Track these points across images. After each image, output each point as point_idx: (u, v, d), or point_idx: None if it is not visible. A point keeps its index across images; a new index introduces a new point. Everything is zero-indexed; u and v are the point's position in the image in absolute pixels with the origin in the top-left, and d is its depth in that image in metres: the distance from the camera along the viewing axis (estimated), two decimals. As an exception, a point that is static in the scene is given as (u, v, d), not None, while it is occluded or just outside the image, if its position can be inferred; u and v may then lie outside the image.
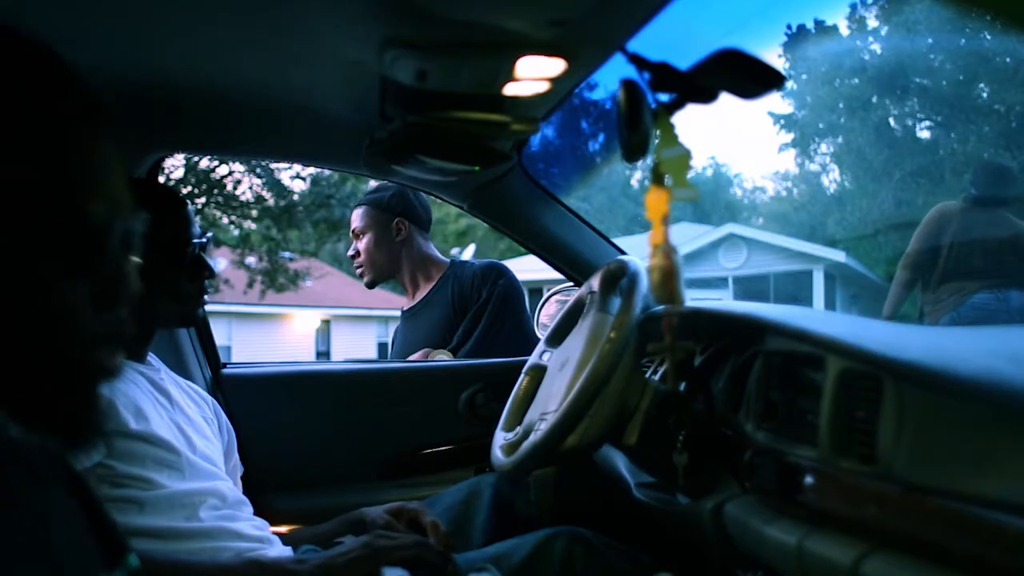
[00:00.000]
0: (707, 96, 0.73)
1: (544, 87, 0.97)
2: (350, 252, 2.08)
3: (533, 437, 1.04)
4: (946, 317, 3.09)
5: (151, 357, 1.17)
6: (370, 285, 2.08)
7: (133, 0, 0.81)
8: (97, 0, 0.81)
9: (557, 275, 1.71)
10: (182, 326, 1.46)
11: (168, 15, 0.84)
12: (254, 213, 11.45)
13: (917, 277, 3.22)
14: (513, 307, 1.93)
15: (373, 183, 2.13)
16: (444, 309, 1.96)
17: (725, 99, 0.73)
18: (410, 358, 1.91)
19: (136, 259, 0.49)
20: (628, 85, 0.72)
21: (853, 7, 16.49)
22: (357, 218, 2.04)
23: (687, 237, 14.90)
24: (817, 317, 0.90)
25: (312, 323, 17.04)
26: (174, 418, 1.10)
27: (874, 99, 15.44)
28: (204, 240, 1.15)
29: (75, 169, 0.46)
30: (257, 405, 1.62)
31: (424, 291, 2.02)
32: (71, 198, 0.45)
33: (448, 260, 2.06)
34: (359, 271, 2.06)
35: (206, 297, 1.20)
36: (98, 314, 0.47)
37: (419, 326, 1.99)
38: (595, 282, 1.19)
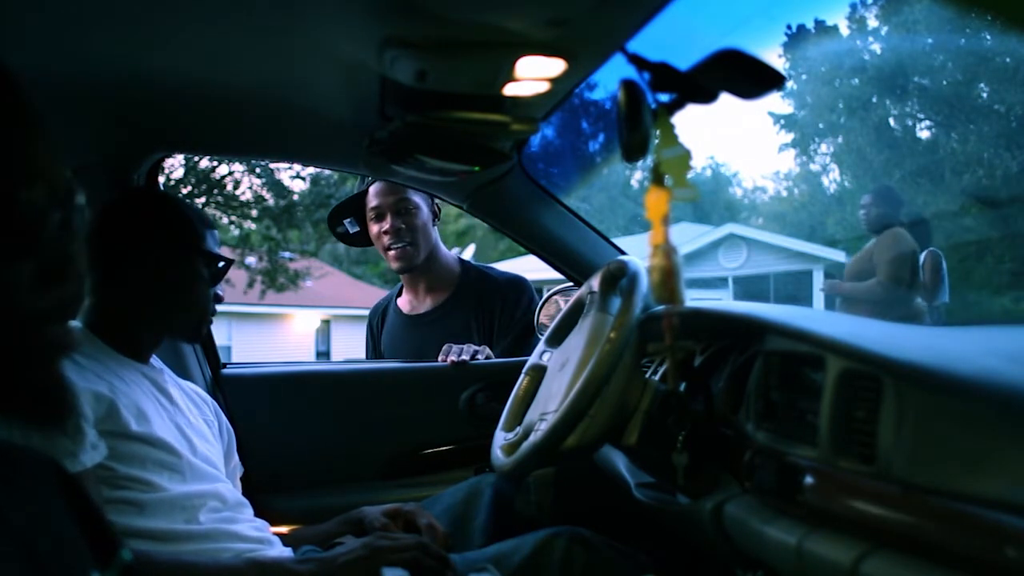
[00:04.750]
0: (707, 96, 0.73)
1: (544, 87, 0.97)
2: (387, 228, 1.78)
3: (533, 437, 1.04)
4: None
5: (153, 359, 1.17)
6: (410, 270, 1.84)
7: (133, 1, 0.81)
8: (97, 1, 0.81)
9: (557, 275, 1.71)
10: (191, 341, 1.47)
11: (168, 15, 0.84)
12: (254, 213, 11.45)
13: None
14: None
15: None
16: (466, 320, 1.86)
17: (725, 99, 0.73)
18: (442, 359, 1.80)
19: (80, 239, 0.52)
20: (628, 85, 0.72)
21: (853, 7, 16.54)
22: (405, 190, 1.75)
23: (687, 237, 14.91)
24: (817, 317, 0.90)
25: (312, 323, 17.04)
26: (175, 420, 1.11)
27: (874, 99, 15.44)
28: (227, 262, 1.17)
29: (5, 159, 0.49)
30: (257, 405, 1.62)
31: (440, 297, 1.89)
32: (3, 186, 0.48)
33: (457, 260, 1.95)
34: (402, 252, 1.79)
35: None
36: (43, 291, 0.49)
37: (436, 336, 1.83)
38: (595, 282, 1.19)
